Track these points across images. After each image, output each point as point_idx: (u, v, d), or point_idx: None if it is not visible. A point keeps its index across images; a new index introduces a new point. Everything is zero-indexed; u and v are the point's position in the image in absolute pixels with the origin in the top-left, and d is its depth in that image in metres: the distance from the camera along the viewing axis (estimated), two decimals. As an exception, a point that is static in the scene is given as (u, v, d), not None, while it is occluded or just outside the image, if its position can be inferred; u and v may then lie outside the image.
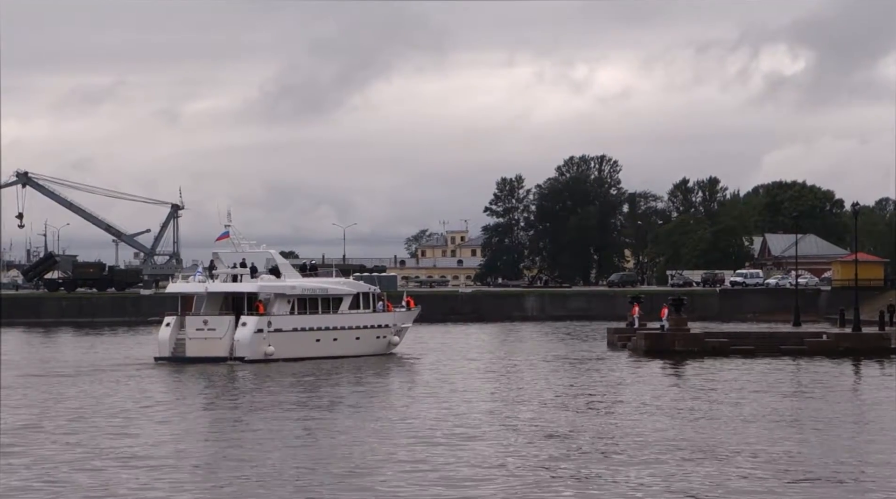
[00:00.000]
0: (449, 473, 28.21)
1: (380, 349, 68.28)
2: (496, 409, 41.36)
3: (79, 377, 54.45)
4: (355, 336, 67.27)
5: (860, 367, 58.21)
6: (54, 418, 38.96)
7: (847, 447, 32.24)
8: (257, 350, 61.88)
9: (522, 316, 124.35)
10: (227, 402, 44.42)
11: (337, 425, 36.90)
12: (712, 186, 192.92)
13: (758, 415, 38.89)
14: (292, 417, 38.87)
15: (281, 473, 28.37)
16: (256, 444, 33.01)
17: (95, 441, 33.72)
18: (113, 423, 37.82)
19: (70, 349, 77.04)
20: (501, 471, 28.47)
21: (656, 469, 28.57)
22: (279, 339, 63.04)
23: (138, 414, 40.27)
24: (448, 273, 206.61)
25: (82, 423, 37.82)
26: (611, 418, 38.35)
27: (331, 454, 31.00)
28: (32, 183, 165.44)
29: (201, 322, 62.78)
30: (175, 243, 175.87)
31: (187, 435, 35.38)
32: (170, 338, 62.79)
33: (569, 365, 60.88)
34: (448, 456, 30.47)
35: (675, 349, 65.02)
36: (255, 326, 62.35)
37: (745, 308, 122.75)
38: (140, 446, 32.66)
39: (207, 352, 61.55)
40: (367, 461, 29.82)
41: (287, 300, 65.07)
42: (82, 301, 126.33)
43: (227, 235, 67.51)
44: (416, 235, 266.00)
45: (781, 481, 27.22)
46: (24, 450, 32.07)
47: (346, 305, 67.79)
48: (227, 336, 62.17)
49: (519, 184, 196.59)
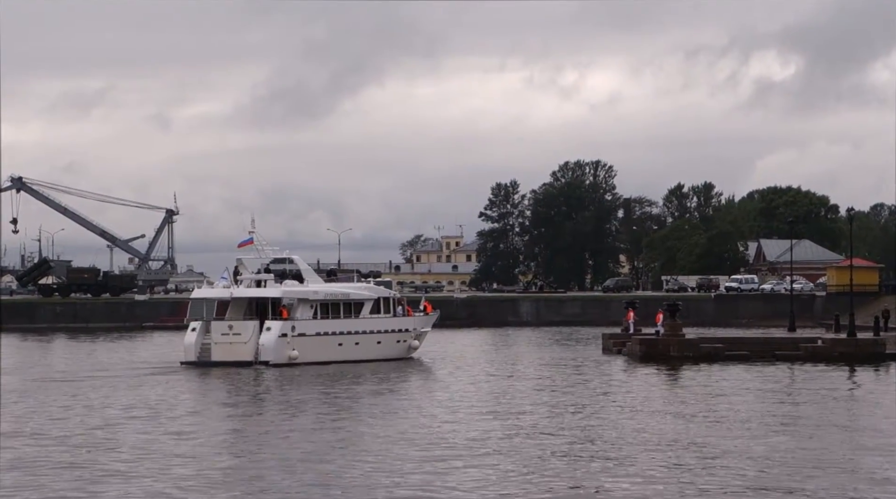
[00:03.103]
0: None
1: (400, 353, 69.04)
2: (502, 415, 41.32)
3: (110, 380, 55.10)
4: (377, 340, 68.02)
5: (855, 372, 58.15)
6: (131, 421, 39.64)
7: (841, 458, 32.15)
8: (282, 354, 62.55)
9: (518, 321, 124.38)
10: (274, 409, 43.78)
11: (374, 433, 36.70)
12: (707, 192, 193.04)
13: (751, 419, 38.84)
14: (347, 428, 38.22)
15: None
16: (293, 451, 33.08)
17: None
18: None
19: (83, 355, 76.98)
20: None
21: (658, 474, 28.52)
22: (303, 343, 63.74)
23: (201, 419, 40.51)
24: (443, 278, 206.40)
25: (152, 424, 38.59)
26: (620, 424, 38.26)
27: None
28: (27, 188, 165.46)
29: (227, 327, 63.52)
30: (170, 249, 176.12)
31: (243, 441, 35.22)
32: (195, 342, 63.38)
33: (567, 371, 60.82)
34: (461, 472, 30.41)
35: (671, 355, 64.91)
36: (279, 330, 63.02)
37: (740, 314, 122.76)
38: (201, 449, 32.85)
39: (233, 356, 62.30)
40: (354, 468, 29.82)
41: (310, 305, 65.70)
42: (77, 306, 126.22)
43: (250, 241, 68.27)
44: (411, 240, 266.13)
45: (771, 488, 27.15)
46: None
47: (367, 310, 68.42)
48: (252, 341, 62.84)
49: (514, 189, 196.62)
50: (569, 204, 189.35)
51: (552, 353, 75.96)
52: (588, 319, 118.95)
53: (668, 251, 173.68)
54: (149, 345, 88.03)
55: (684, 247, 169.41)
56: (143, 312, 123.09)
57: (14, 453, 32.26)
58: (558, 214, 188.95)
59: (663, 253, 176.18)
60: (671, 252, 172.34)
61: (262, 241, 68.87)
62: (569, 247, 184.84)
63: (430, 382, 55.83)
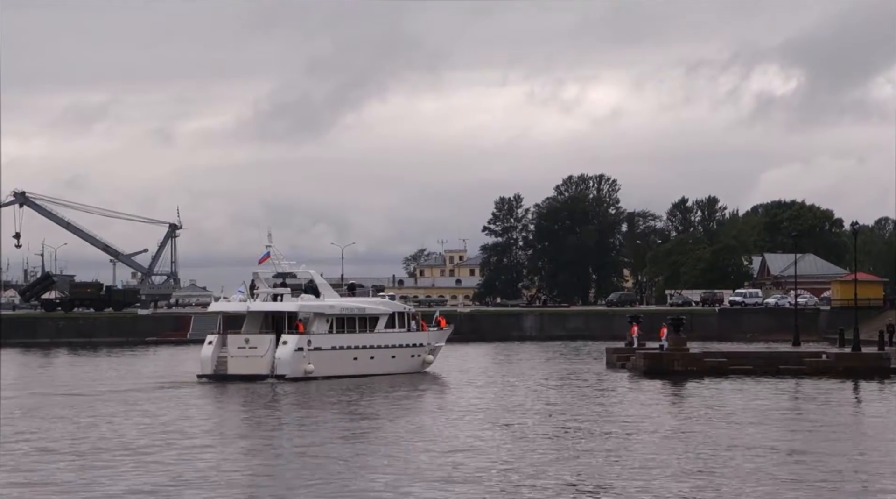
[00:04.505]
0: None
1: (414, 368, 68.99)
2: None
3: (129, 394, 55.15)
4: (391, 355, 68.00)
5: (859, 387, 57.85)
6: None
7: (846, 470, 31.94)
8: (298, 368, 62.62)
9: (521, 336, 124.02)
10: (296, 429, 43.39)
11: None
12: (711, 206, 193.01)
13: (755, 435, 38.63)
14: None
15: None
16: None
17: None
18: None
19: (94, 370, 76.68)
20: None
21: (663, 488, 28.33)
22: (319, 357, 63.80)
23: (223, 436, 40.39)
24: (446, 293, 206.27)
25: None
26: (626, 442, 38.07)
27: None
28: (30, 203, 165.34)
29: (243, 340, 63.74)
30: (173, 263, 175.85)
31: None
32: (212, 356, 63.51)
33: (575, 386, 60.59)
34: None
35: (675, 369, 64.66)
36: (295, 344, 63.09)
37: (744, 328, 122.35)
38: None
39: (249, 370, 62.44)
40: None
41: (326, 319, 65.78)
42: (79, 321, 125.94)
43: (268, 255, 68.32)
44: (414, 254, 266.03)
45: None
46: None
47: (382, 324, 68.44)
48: (269, 354, 62.86)
49: (517, 203, 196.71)
50: (572, 218, 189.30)
51: (557, 366, 75.60)
52: (591, 334, 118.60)
53: (672, 265, 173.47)
54: (156, 359, 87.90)
55: (688, 261, 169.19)
56: (146, 326, 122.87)
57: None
58: (562, 229, 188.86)
59: (667, 267, 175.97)
60: (675, 266, 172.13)
61: (278, 255, 69.11)
62: (572, 261, 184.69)
63: (444, 396, 55.23)
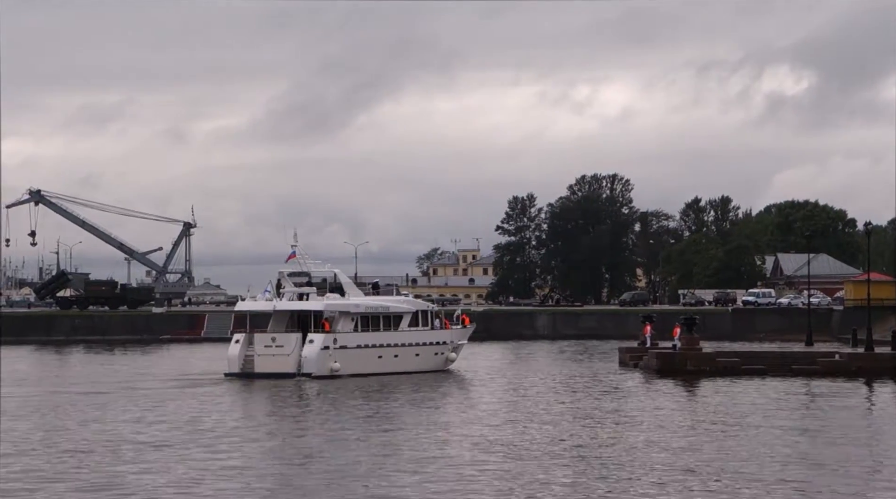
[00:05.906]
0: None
1: (438, 366, 69.78)
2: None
3: (158, 391, 56.07)
4: (415, 353, 68.90)
5: (873, 387, 57.92)
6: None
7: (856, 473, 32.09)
8: (324, 366, 63.46)
9: (534, 335, 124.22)
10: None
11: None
12: (724, 206, 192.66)
13: (769, 434, 38.76)
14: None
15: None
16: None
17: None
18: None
19: (117, 367, 77.37)
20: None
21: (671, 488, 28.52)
22: (344, 355, 64.61)
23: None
24: (460, 291, 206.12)
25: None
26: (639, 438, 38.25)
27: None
28: (45, 201, 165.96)
29: (269, 339, 64.45)
30: (187, 261, 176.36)
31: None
32: (239, 354, 64.20)
33: (589, 385, 60.73)
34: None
35: (687, 369, 64.82)
36: (321, 343, 63.94)
37: (757, 328, 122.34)
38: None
39: (275, 368, 63.17)
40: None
41: (351, 318, 66.58)
42: (94, 319, 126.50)
43: (294, 254, 69.10)
44: (427, 253, 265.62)
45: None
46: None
47: (405, 323, 69.31)
48: (295, 353, 63.71)
49: (531, 202, 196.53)
50: (585, 217, 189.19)
51: (571, 367, 75.73)
52: (604, 333, 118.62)
53: (685, 265, 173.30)
54: (171, 357, 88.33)
55: (701, 261, 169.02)
56: (161, 324, 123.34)
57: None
58: (575, 228, 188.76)
59: (680, 267, 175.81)
60: (688, 266, 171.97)
61: (304, 254, 69.93)
62: (585, 260, 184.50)
63: (467, 397, 55.33)
